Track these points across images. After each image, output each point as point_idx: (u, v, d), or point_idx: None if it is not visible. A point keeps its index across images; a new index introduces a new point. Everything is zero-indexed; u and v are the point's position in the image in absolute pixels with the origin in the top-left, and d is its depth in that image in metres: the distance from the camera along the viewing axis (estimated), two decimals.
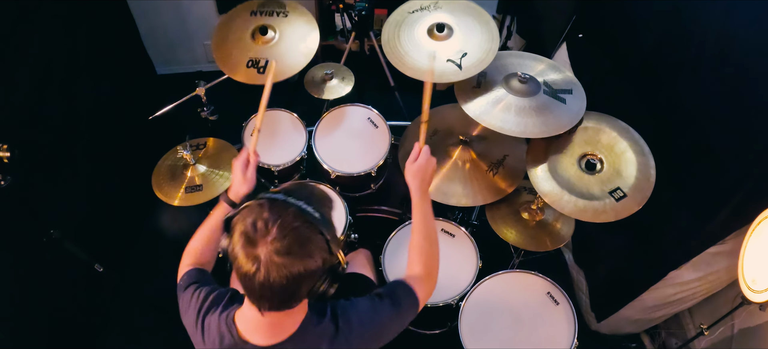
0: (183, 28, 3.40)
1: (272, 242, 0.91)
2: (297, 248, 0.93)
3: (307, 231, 0.95)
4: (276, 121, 2.36)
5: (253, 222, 0.93)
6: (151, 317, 2.49)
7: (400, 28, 1.96)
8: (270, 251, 0.91)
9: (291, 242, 0.92)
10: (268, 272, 0.92)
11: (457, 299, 1.88)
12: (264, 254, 0.91)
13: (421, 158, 1.39)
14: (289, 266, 0.92)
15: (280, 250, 0.91)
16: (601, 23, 2.33)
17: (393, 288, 1.26)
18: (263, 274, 0.92)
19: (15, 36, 1.88)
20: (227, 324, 1.10)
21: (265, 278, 0.92)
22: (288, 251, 0.92)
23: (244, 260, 0.93)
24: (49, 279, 2.10)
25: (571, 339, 1.76)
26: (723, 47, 1.65)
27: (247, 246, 0.93)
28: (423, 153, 1.39)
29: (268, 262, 0.91)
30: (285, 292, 0.95)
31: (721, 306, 2.03)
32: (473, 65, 1.83)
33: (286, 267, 0.92)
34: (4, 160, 1.70)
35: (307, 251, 0.94)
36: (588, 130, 1.88)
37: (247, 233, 0.93)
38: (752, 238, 1.58)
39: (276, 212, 0.94)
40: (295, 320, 1.08)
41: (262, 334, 1.07)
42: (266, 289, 0.94)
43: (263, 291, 0.95)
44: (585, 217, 1.70)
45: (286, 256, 0.91)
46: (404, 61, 1.87)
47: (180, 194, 1.98)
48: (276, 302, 0.98)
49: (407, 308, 1.23)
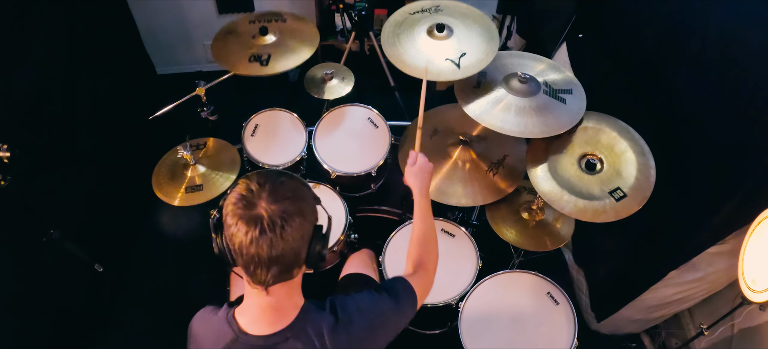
0: (183, 28, 3.40)
1: (268, 196, 0.97)
2: (290, 193, 0.99)
3: (293, 182, 1.03)
4: (276, 121, 2.36)
5: (246, 188, 0.98)
6: (151, 317, 2.49)
7: (400, 28, 1.96)
8: (268, 204, 0.96)
9: (285, 191, 0.99)
10: (272, 223, 0.95)
11: (457, 299, 1.88)
12: (264, 208, 0.96)
13: (419, 160, 1.50)
14: (288, 212, 0.97)
15: (278, 198, 0.97)
16: (601, 23, 2.33)
17: (392, 283, 1.27)
18: (268, 228, 0.95)
19: (15, 36, 1.88)
20: (228, 321, 1.11)
21: (270, 232, 0.95)
22: (284, 197, 0.98)
23: (246, 227, 0.95)
24: (49, 279, 2.10)
25: (571, 339, 1.76)
26: (723, 47, 1.65)
27: (246, 211, 0.96)
28: (419, 157, 1.51)
29: (269, 213, 0.95)
30: (289, 246, 0.98)
31: (721, 306, 2.03)
32: (472, 65, 1.83)
33: (286, 213, 0.96)
34: (4, 160, 1.69)
35: (299, 194, 1.01)
36: (588, 130, 1.88)
37: (243, 198, 0.97)
38: (752, 238, 1.58)
39: (262, 175, 1.01)
40: (294, 303, 1.10)
41: (263, 322, 1.08)
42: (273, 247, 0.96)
43: (270, 251, 0.97)
44: (585, 217, 1.70)
45: (284, 201, 0.97)
46: (403, 60, 1.87)
47: (180, 193, 1.98)
48: (282, 266, 1.00)
49: (406, 304, 1.24)
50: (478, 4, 2.04)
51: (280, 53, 2.16)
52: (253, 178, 1.01)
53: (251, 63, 2.11)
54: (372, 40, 2.95)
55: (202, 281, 2.57)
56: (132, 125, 2.49)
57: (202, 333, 1.18)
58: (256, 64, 2.10)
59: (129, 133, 2.56)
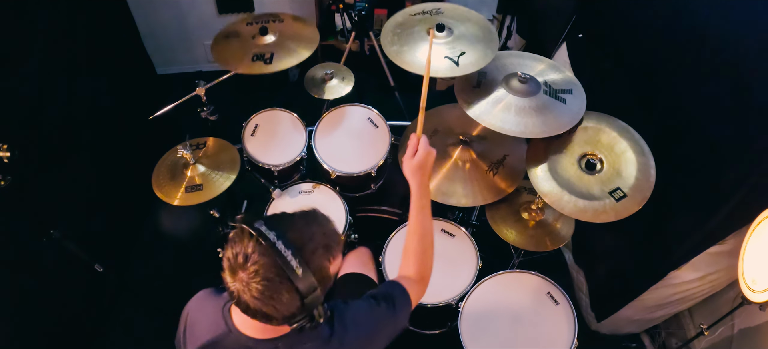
0: (183, 28, 3.40)
1: (247, 279, 0.94)
2: (266, 296, 0.94)
3: (279, 287, 0.94)
4: (276, 122, 2.36)
5: (235, 253, 0.95)
6: (151, 317, 2.49)
7: (400, 28, 1.96)
8: (245, 286, 0.94)
9: (263, 288, 0.93)
10: (245, 301, 0.95)
11: (457, 299, 1.88)
12: (239, 288, 0.95)
13: (420, 151, 1.36)
14: (260, 306, 0.95)
15: (252, 290, 0.94)
16: (601, 23, 2.33)
17: (389, 290, 1.25)
18: (242, 300, 0.96)
19: (15, 36, 1.88)
20: (223, 314, 1.12)
21: (243, 303, 0.96)
22: (259, 294, 0.94)
23: (228, 279, 0.97)
24: (49, 279, 2.10)
25: (571, 339, 1.76)
26: (723, 47, 1.65)
27: (229, 272, 0.96)
28: (421, 145, 1.37)
29: (244, 293, 0.95)
30: (266, 315, 0.97)
31: (721, 306, 2.03)
32: (470, 64, 1.83)
33: (258, 303, 0.95)
34: (4, 160, 1.70)
35: (275, 302, 0.95)
36: (588, 130, 1.88)
37: (230, 260, 0.96)
38: (752, 238, 1.58)
39: (259, 252, 0.94)
40: None
41: (254, 329, 1.08)
42: (246, 310, 0.98)
43: (249, 312, 0.98)
44: (585, 217, 1.70)
45: (256, 298, 0.94)
46: (403, 60, 1.87)
47: (180, 193, 1.99)
48: (263, 319, 0.99)
49: (401, 311, 1.23)
50: (478, 4, 2.04)
51: (283, 51, 2.16)
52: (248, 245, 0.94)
53: (255, 62, 2.11)
54: (372, 40, 2.95)
55: (202, 281, 2.57)
56: (132, 125, 2.49)
57: (197, 317, 1.19)
58: (259, 63, 2.11)
59: (129, 133, 2.56)
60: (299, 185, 2.24)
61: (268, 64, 2.10)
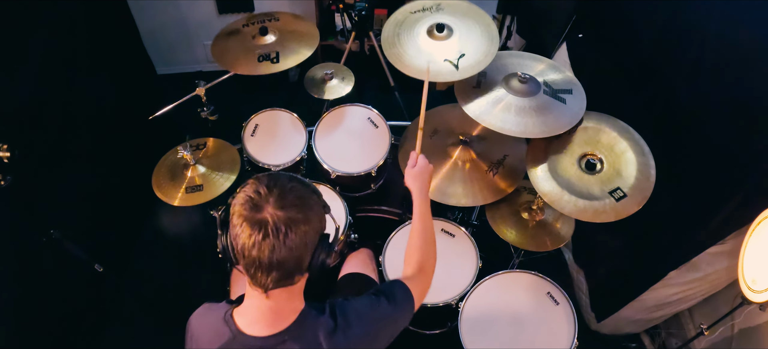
0: (183, 28, 3.40)
1: (275, 201, 0.96)
2: (298, 201, 0.99)
3: (303, 189, 1.02)
4: (276, 122, 2.36)
5: (254, 191, 0.98)
6: (151, 317, 2.49)
7: (400, 28, 1.96)
8: (275, 209, 0.96)
9: (293, 198, 0.98)
10: (276, 228, 0.95)
11: (457, 299, 1.88)
12: (269, 213, 0.95)
13: (420, 162, 1.51)
14: (294, 220, 0.96)
15: (285, 205, 0.96)
16: (601, 23, 2.33)
17: (391, 288, 1.26)
18: (272, 233, 0.95)
19: (15, 36, 1.88)
20: (226, 320, 1.11)
21: (273, 237, 0.95)
22: (292, 204, 0.97)
23: (250, 230, 0.95)
24: (49, 279, 2.10)
25: (571, 339, 1.75)
26: (723, 47, 1.65)
27: (251, 213, 0.96)
28: (420, 159, 1.52)
29: (274, 219, 0.95)
30: (292, 254, 0.98)
31: (721, 306, 2.03)
32: (470, 66, 1.83)
33: (291, 221, 0.96)
34: (4, 160, 1.70)
35: (307, 203, 1.00)
36: (588, 130, 1.88)
37: (250, 201, 0.97)
38: (752, 238, 1.58)
39: (272, 179, 1.00)
40: (294, 307, 1.10)
41: (261, 324, 1.08)
42: (275, 252, 0.96)
43: (272, 256, 0.96)
44: (585, 217, 1.70)
45: (291, 208, 0.97)
46: (403, 60, 1.87)
47: (180, 193, 1.99)
48: (283, 272, 0.99)
49: (404, 309, 1.24)
50: (478, 4, 2.04)
51: (287, 49, 2.17)
52: (262, 180, 1.00)
53: (262, 62, 2.12)
54: (372, 40, 2.95)
55: (202, 281, 2.57)
56: (132, 125, 2.49)
57: (199, 331, 1.18)
58: (266, 63, 2.11)
59: (129, 133, 2.56)
60: None
61: (276, 63, 2.11)
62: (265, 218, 0.95)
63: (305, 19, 2.34)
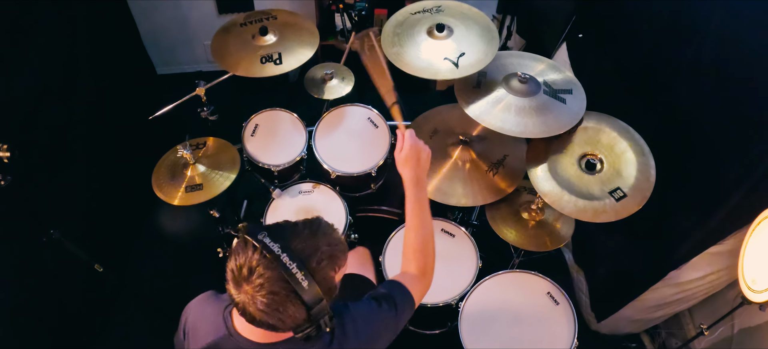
0: (183, 28, 3.40)
1: (253, 293, 0.93)
2: (272, 309, 0.94)
3: (284, 300, 0.93)
4: (276, 121, 2.36)
5: (239, 265, 0.94)
6: (151, 317, 2.49)
7: (400, 28, 1.96)
8: (250, 298, 0.94)
9: (268, 302, 0.93)
10: (250, 313, 0.95)
11: (457, 299, 1.88)
12: (244, 300, 0.95)
13: (406, 143, 1.31)
14: (265, 318, 0.95)
15: (257, 302, 0.93)
16: (601, 23, 2.33)
17: (389, 290, 1.23)
18: (247, 311, 0.96)
19: (15, 36, 1.88)
20: (224, 317, 1.11)
21: (248, 314, 0.96)
22: (265, 308, 0.93)
23: (233, 291, 0.96)
24: (49, 279, 2.10)
25: (571, 339, 1.75)
26: (723, 47, 1.65)
27: (233, 284, 0.96)
28: (406, 137, 1.31)
29: (249, 305, 0.94)
30: (268, 328, 0.98)
31: (721, 306, 2.03)
32: (470, 65, 1.83)
33: (264, 315, 0.95)
34: (4, 160, 1.69)
35: (281, 314, 0.95)
36: (588, 130, 1.88)
37: (234, 272, 0.95)
38: (752, 238, 1.58)
39: (263, 265, 0.93)
40: None
41: (257, 335, 1.07)
42: (252, 321, 0.98)
43: (254, 322, 0.98)
44: (585, 217, 1.70)
45: (262, 310, 0.94)
46: (404, 60, 1.87)
47: (180, 193, 1.98)
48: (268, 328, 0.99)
49: (403, 311, 1.22)
50: (478, 4, 2.04)
51: (289, 50, 2.17)
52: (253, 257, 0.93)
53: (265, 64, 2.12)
54: (372, 40, 2.95)
55: (202, 281, 2.57)
56: (132, 125, 2.49)
57: (197, 318, 1.18)
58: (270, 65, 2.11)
59: (129, 133, 2.56)
60: (299, 184, 2.24)
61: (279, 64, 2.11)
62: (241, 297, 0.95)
63: (302, 16, 2.34)
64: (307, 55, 2.16)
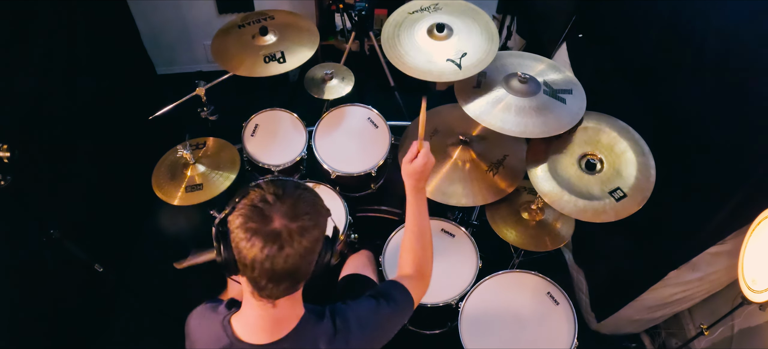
0: (183, 28, 3.40)
1: (287, 211, 0.94)
2: (310, 208, 0.97)
3: (311, 195, 1.01)
4: (276, 122, 2.36)
5: (260, 200, 0.94)
6: (151, 317, 2.49)
7: (400, 28, 1.96)
8: (287, 220, 0.93)
9: (304, 206, 0.96)
10: (290, 238, 0.93)
11: (457, 299, 1.88)
12: (281, 224, 0.93)
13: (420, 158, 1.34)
14: (306, 228, 0.95)
15: (297, 214, 0.94)
16: (601, 23, 2.33)
17: (389, 289, 1.25)
18: (286, 244, 0.93)
19: (15, 36, 1.88)
20: (223, 325, 1.10)
21: (288, 247, 0.93)
22: (304, 213, 0.95)
23: (262, 243, 0.92)
24: (49, 279, 2.10)
25: (571, 339, 1.75)
26: (723, 46, 1.65)
27: (261, 226, 0.93)
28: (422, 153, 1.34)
29: (288, 229, 0.93)
30: (304, 261, 0.97)
31: (721, 306, 2.03)
32: (473, 65, 1.83)
33: (304, 230, 0.95)
34: (4, 160, 1.69)
35: (317, 210, 1.00)
36: (588, 131, 1.88)
37: (257, 211, 0.93)
38: (752, 238, 1.58)
39: (279, 187, 0.97)
40: (296, 314, 1.09)
41: (261, 331, 1.06)
42: (288, 262, 0.94)
43: (285, 266, 0.94)
44: (585, 217, 1.70)
45: (303, 217, 0.95)
46: (404, 60, 1.87)
47: (180, 193, 1.98)
48: (294, 280, 0.99)
49: (403, 309, 1.23)
50: (478, 4, 2.04)
51: (292, 47, 2.17)
52: (267, 189, 0.96)
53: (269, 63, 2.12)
54: (372, 40, 2.95)
55: (202, 281, 2.57)
56: (132, 125, 2.49)
57: (197, 333, 1.17)
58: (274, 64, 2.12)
59: (129, 133, 2.56)
60: None
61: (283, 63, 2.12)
62: (277, 230, 0.92)
63: (301, 16, 2.34)
64: (307, 55, 2.17)
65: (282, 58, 2.13)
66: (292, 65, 2.11)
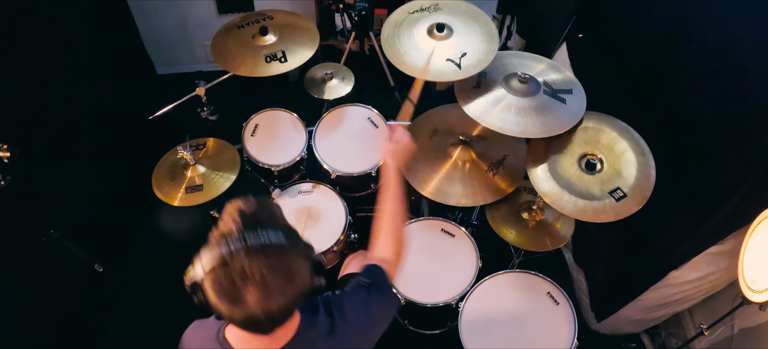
0: (183, 28, 3.40)
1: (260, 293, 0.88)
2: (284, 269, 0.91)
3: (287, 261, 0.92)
4: (276, 122, 2.36)
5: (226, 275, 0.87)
6: (151, 317, 2.49)
7: (400, 28, 1.96)
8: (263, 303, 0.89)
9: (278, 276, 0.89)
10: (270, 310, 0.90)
11: (457, 299, 1.88)
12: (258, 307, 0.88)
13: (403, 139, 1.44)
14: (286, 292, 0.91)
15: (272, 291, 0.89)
16: (601, 23, 2.33)
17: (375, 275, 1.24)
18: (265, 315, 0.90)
19: (15, 36, 1.88)
20: (219, 340, 1.07)
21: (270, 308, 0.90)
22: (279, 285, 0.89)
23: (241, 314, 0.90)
24: (49, 279, 2.10)
25: (571, 339, 1.75)
26: (723, 46, 1.65)
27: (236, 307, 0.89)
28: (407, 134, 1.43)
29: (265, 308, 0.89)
30: (289, 305, 0.95)
31: (721, 306, 2.03)
32: (472, 65, 1.83)
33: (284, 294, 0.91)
34: (4, 160, 1.69)
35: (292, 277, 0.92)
36: (588, 130, 1.88)
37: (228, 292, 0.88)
38: (752, 238, 1.58)
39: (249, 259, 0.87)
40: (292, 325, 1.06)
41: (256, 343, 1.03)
42: (275, 313, 0.92)
43: (272, 317, 0.93)
44: (585, 217, 1.70)
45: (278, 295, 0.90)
46: (404, 60, 1.87)
47: (180, 194, 1.98)
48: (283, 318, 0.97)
49: (391, 296, 1.25)
50: (478, 4, 2.04)
51: (292, 47, 2.17)
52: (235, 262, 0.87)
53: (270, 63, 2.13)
54: (372, 40, 2.95)
55: None
56: (132, 125, 2.49)
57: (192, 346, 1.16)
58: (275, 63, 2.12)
59: (129, 133, 2.56)
60: (299, 184, 2.24)
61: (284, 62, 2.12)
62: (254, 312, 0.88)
63: (301, 16, 2.34)
64: (307, 55, 2.17)
65: (283, 57, 2.13)
66: (293, 65, 2.11)
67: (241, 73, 2.11)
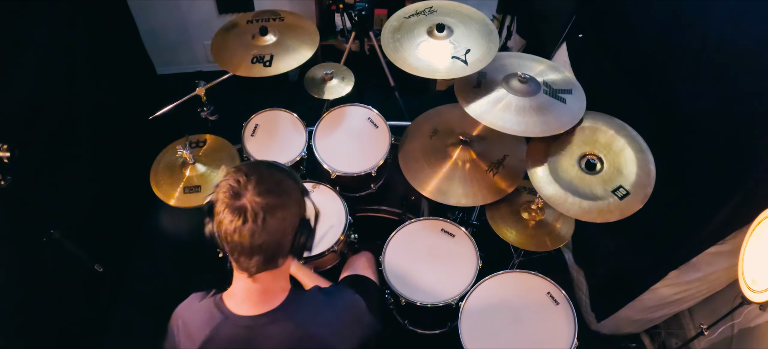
0: (183, 28, 3.40)
1: (254, 188, 1.00)
2: (275, 186, 1.03)
3: (281, 175, 1.07)
4: (276, 121, 2.36)
5: (235, 179, 1.01)
6: (151, 318, 2.49)
7: (399, 32, 1.97)
8: (253, 196, 0.99)
9: (270, 184, 1.02)
10: (254, 214, 0.98)
11: (457, 299, 1.88)
12: (248, 200, 0.99)
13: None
14: (272, 205, 1.00)
15: (262, 191, 1.00)
16: (601, 23, 2.33)
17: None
18: (250, 219, 0.98)
19: (15, 36, 1.88)
20: (216, 304, 1.14)
21: (252, 222, 0.99)
22: (269, 191, 1.01)
23: (230, 216, 0.99)
24: (49, 279, 2.10)
25: (571, 339, 1.75)
26: (722, 46, 1.65)
27: (232, 202, 1.00)
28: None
29: (253, 205, 0.99)
30: (272, 238, 1.02)
31: (721, 306, 2.03)
32: (478, 60, 1.84)
33: (269, 206, 1.00)
34: (4, 160, 1.69)
35: (284, 189, 1.05)
36: (585, 130, 1.87)
37: (231, 189, 1.01)
38: (752, 238, 1.58)
39: (251, 167, 1.05)
40: (281, 287, 1.14)
41: (250, 303, 1.11)
42: (255, 237, 1.00)
43: (252, 241, 1.00)
44: (590, 218, 1.69)
45: (268, 194, 1.00)
46: (405, 60, 1.87)
47: (177, 193, 1.98)
48: (265, 255, 1.03)
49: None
50: (478, 4, 2.04)
51: (282, 53, 2.16)
52: (242, 168, 1.04)
53: (254, 64, 2.11)
54: (372, 40, 2.95)
55: (202, 281, 2.57)
56: (132, 125, 2.49)
57: (190, 317, 1.20)
58: (259, 66, 2.11)
59: (129, 134, 2.56)
60: None
61: (268, 67, 2.10)
62: (244, 205, 0.99)
63: (307, 21, 2.34)
64: (307, 56, 2.16)
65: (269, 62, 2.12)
66: (276, 70, 2.10)
67: (241, 74, 2.11)
